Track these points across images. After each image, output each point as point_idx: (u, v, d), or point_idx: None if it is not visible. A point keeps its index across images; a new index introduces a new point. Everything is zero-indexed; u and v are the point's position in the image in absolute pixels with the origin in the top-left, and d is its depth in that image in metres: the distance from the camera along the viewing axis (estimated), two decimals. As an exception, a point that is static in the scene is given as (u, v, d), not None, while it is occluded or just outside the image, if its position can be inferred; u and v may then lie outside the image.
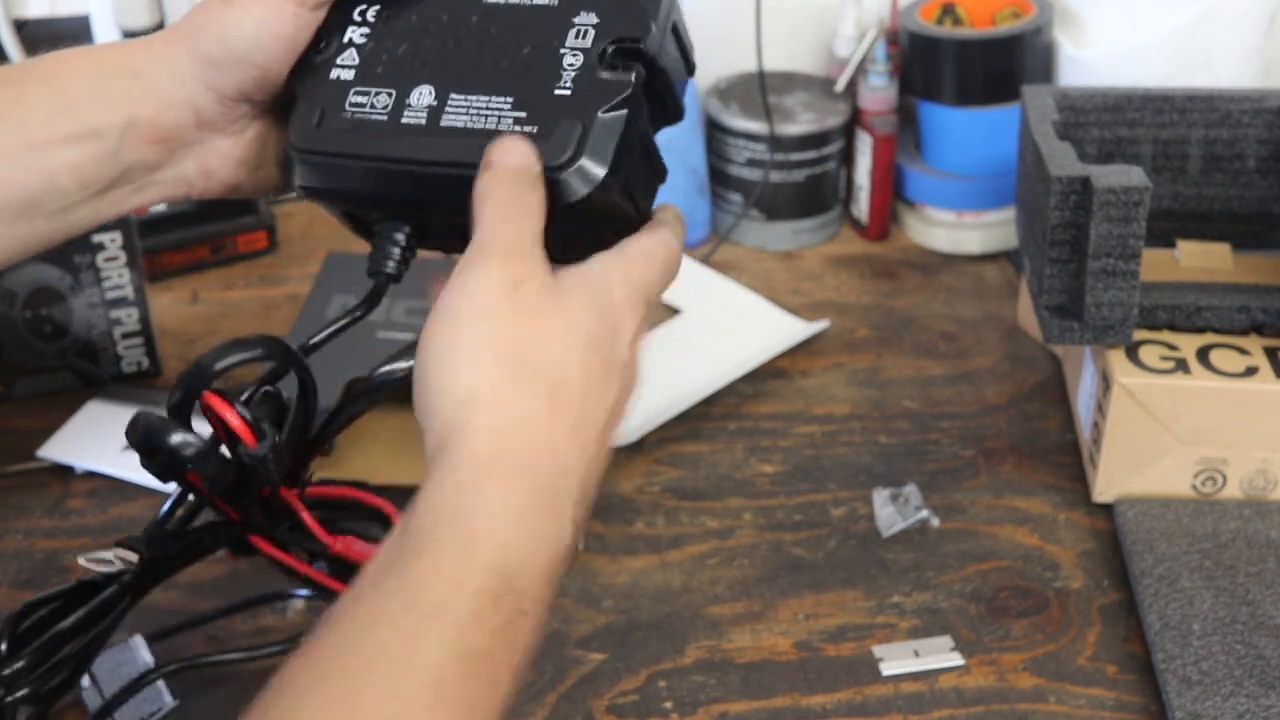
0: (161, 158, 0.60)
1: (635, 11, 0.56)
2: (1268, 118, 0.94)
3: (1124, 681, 0.74)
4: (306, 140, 0.59)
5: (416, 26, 0.60)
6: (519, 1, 0.58)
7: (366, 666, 0.44)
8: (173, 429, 0.57)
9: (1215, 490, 0.84)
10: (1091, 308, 0.81)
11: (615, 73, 0.56)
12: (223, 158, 0.61)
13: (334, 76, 0.60)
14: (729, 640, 0.76)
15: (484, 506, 0.47)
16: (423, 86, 0.58)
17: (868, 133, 1.11)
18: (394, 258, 0.59)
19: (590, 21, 0.57)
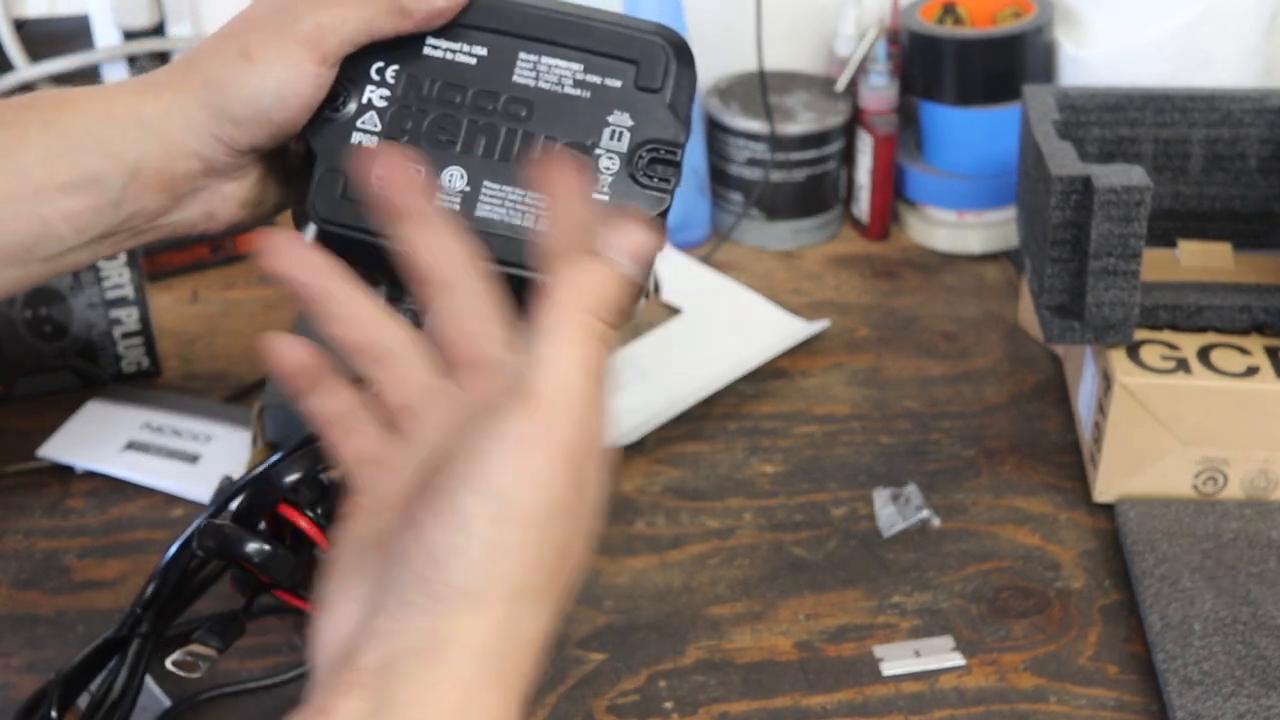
0: (165, 205, 0.59)
1: (666, 116, 0.56)
2: (1269, 117, 0.93)
3: (1125, 681, 0.74)
4: (331, 211, 0.58)
5: (441, 98, 0.58)
6: (550, 88, 0.57)
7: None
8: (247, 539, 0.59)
9: (1216, 490, 0.83)
10: (1092, 307, 0.81)
11: (653, 182, 0.56)
12: (227, 201, 0.60)
13: (355, 141, 0.58)
14: (729, 640, 0.76)
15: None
16: (454, 168, 0.57)
17: (868, 132, 1.11)
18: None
19: (624, 123, 0.56)
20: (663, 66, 0.56)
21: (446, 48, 0.58)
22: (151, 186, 0.57)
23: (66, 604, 0.78)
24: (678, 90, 0.56)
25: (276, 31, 0.57)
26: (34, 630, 0.76)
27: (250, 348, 1.00)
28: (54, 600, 0.78)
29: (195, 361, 0.98)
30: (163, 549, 0.81)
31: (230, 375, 0.96)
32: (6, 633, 0.76)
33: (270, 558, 0.58)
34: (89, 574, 0.80)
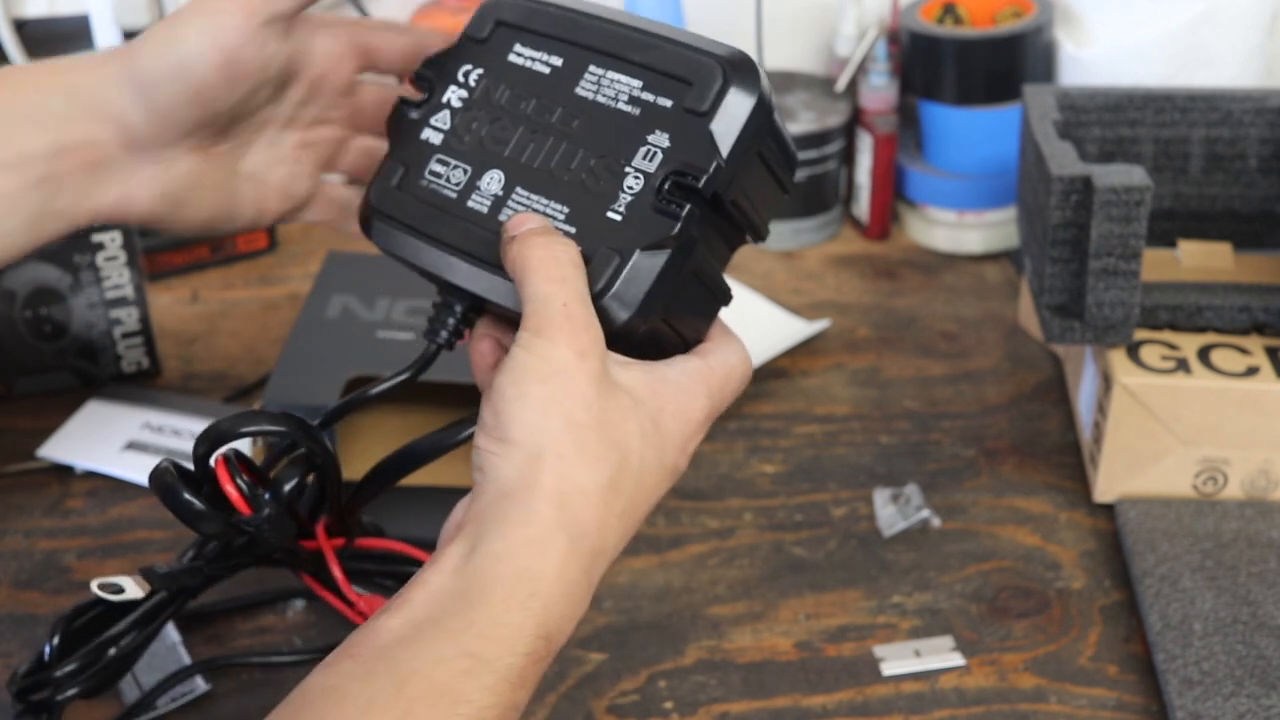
0: (89, 183, 0.58)
1: (704, 142, 0.54)
2: (1269, 117, 0.93)
3: (1125, 682, 0.74)
4: (383, 201, 0.58)
5: (508, 105, 0.58)
6: (606, 102, 0.56)
7: (418, 699, 0.45)
8: (181, 490, 0.58)
9: (1216, 490, 0.83)
10: (1092, 307, 0.81)
11: (668, 208, 0.54)
12: (146, 186, 0.59)
13: (424, 136, 0.59)
14: (729, 640, 0.76)
15: (547, 569, 0.49)
16: (494, 171, 0.57)
17: (868, 132, 1.11)
18: (448, 329, 0.58)
19: (661, 143, 0.54)
20: (714, 89, 0.54)
21: (528, 55, 0.58)
22: (75, 159, 0.57)
23: (66, 604, 0.78)
24: (728, 117, 0.54)
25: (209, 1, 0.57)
26: (34, 630, 0.76)
27: (250, 348, 1.00)
28: (54, 600, 0.78)
29: (195, 361, 0.98)
30: (162, 549, 0.81)
31: (230, 375, 0.96)
32: (6, 633, 0.76)
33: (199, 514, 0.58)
34: (89, 574, 0.80)
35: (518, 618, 0.48)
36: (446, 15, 1.09)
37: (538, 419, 0.50)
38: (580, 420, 0.50)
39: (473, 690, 0.46)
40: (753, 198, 0.57)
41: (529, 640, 0.48)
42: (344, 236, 1.17)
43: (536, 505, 0.49)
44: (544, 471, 0.49)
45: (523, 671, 0.48)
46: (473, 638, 0.47)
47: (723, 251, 0.58)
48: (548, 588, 0.49)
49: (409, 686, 0.45)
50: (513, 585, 0.48)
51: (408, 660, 0.46)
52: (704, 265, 0.56)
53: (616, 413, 0.51)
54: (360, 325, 0.89)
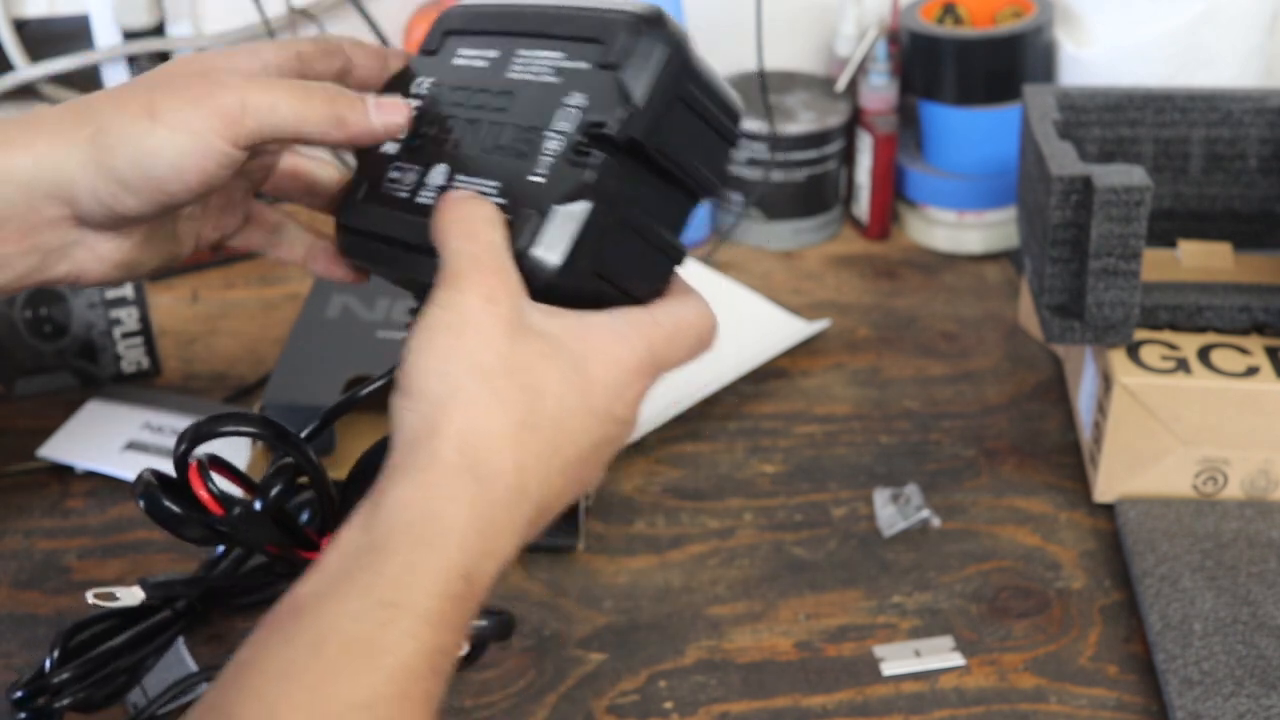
0: (29, 262, 0.56)
1: (615, 91, 0.54)
2: (1269, 117, 0.93)
3: (1125, 682, 0.74)
4: (348, 215, 0.60)
5: (452, 101, 0.59)
6: (532, 78, 0.57)
7: (338, 656, 0.45)
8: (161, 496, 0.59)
9: (1216, 490, 0.83)
10: (1092, 307, 0.81)
11: (582, 160, 0.54)
12: (100, 260, 0.57)
13: (382, 149, 0.60)
14: (729, 640, 0.76)
15: (453, 510, 0.48)
16: (440, 165, 0.58)
17: (868, 132, 1.11)
18: None
19: (578, 103, 0.55)
20: (621, 42, 0.54)
21: (470, 55, 0.60)
22: (14, 243, 0.55)
23: (66, 604, 0.78)
24: (636, 64, 0.54)
25: (193, 98, 0.53)
26: (34, 630, 0.76)
27: (250, 348, 1.00)
28: (54, 600, 0.78)
29: (195, 361, 0.98)
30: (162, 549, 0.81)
31: (230, 375, 0.96)
32: (6, 633, 0.76)
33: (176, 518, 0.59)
34: (89, 574, 0.80)
35: (429, 561, 0.47)
36: (446, 15, 1.09)
37: (440, 365, 0.50)
38: (486, 364, 0.50)
39: (392, 639, 0.45)
40: (685, 147, 0.56)
41: (444, 582, 0.47)
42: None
43: (439, 450, 0.49)
44: (447, 417, 0.49)
45: (443, 613, 0.47)
46: (385, 587, 0.46)
47: (665, 207, 0.58)
48: (458, 526, 0.48)
49: (327, 645, 0.45)
50: (420, 530, 0.47)
51: (324, 619, 0.46)
52: (640, 219, 0.56)
53: (530, 356, 0.51)
54: (360, 325, 0.89)
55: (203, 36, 1.12)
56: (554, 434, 0.51)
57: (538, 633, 0.76)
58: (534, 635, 0.76)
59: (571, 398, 0.52)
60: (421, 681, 0.46)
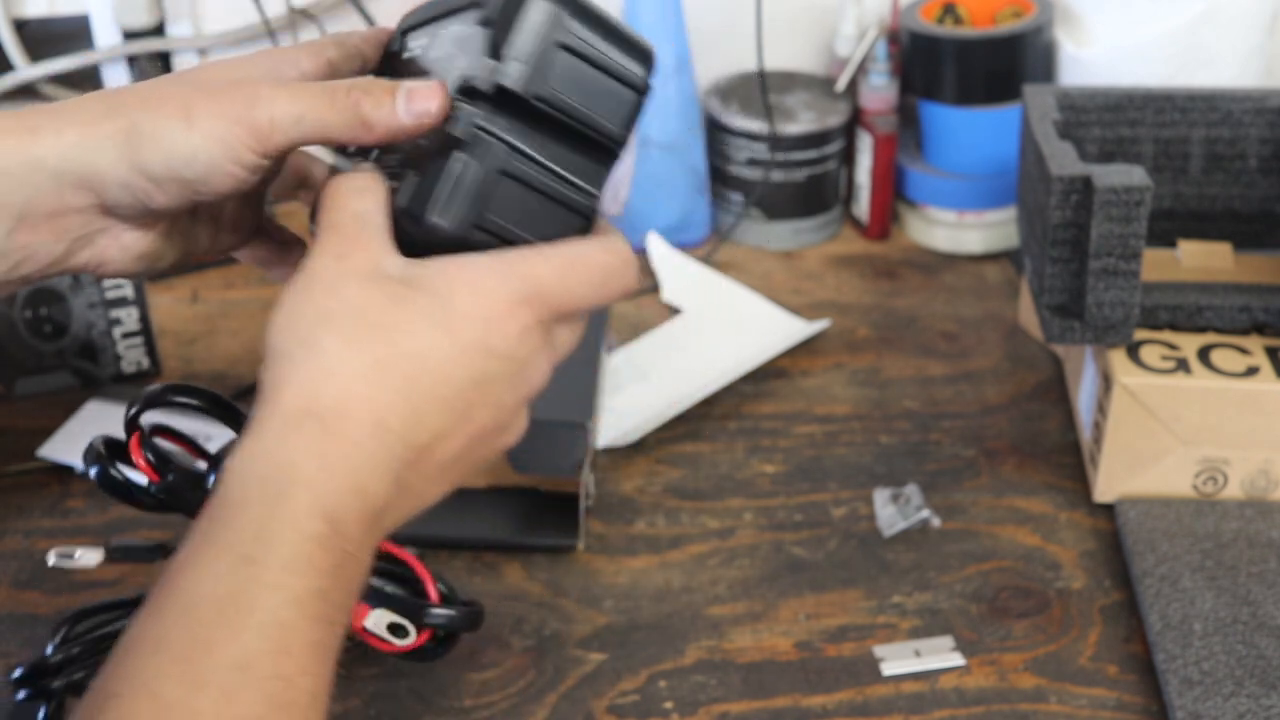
0: (56, 250, 0.56)
1: (486, 47, 0.54)
2: (1269, 117, 0.93)
3: (1125, 682, 0.74)
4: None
5: None
6: (440, 54, 0.58)
7: (207, 620, 0.44)
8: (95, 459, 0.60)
9: (1216, 490, 0.83)
10: (1092, 307, 0.81)
11: (453, 116, 0.54)
12: (124, 250, 0.57)
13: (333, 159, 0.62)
14: (729, 640, 0.76)
15: (301, 453, 0.48)
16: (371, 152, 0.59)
17: (868, 132, 1.11)
18: None
19: (460, 65, 0.55)
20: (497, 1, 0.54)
21: (412, 46, 0.60)
22: (41, 231, 0.55)
23: (66, 604, 0.78)
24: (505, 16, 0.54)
25: (226, 109, 0.53)
26: (34, 630, 0.76)
27: (250, 348, 1.00)
28: (54, 600, 0.78)
29: (195, 361, 0.98)
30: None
31: (230, 375, 0.96)
32: (6, 633, 0.76)
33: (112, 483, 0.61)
34: (89, 574, 0.80)
35: (280, 509, 0.46)
36: (446, 15, 1.09)
37: (286, 321, 0.50)
38: (331, 310, 0.50)
39: (258, 593, 0.45)
40: (578, 95, 0.55)
41: (304, 525, 0.47)
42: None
43: (282, 398, 0.48)
44: (293, 367, 0.49)
45: (308, 558, 0.46)
46: (243, 542, 0.46)
47: (567, 158, 0.56)
48: (307, 470, 0.47)
49: (195, 610, 0.44)
50: (268, 479, 0.47)
51: (189, 585, 0.45)
52: (528, 171, 0.55)
53: (382, 299, 0.50)
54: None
55: (203, 36, 1.12)
56: (414, 369, 0.50)
57: (538, 633, 0.76)
58: (534, 635, 0.76)
59: (433, 333, 0.50)
60: (299, 632, 0.45)
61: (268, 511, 0.47)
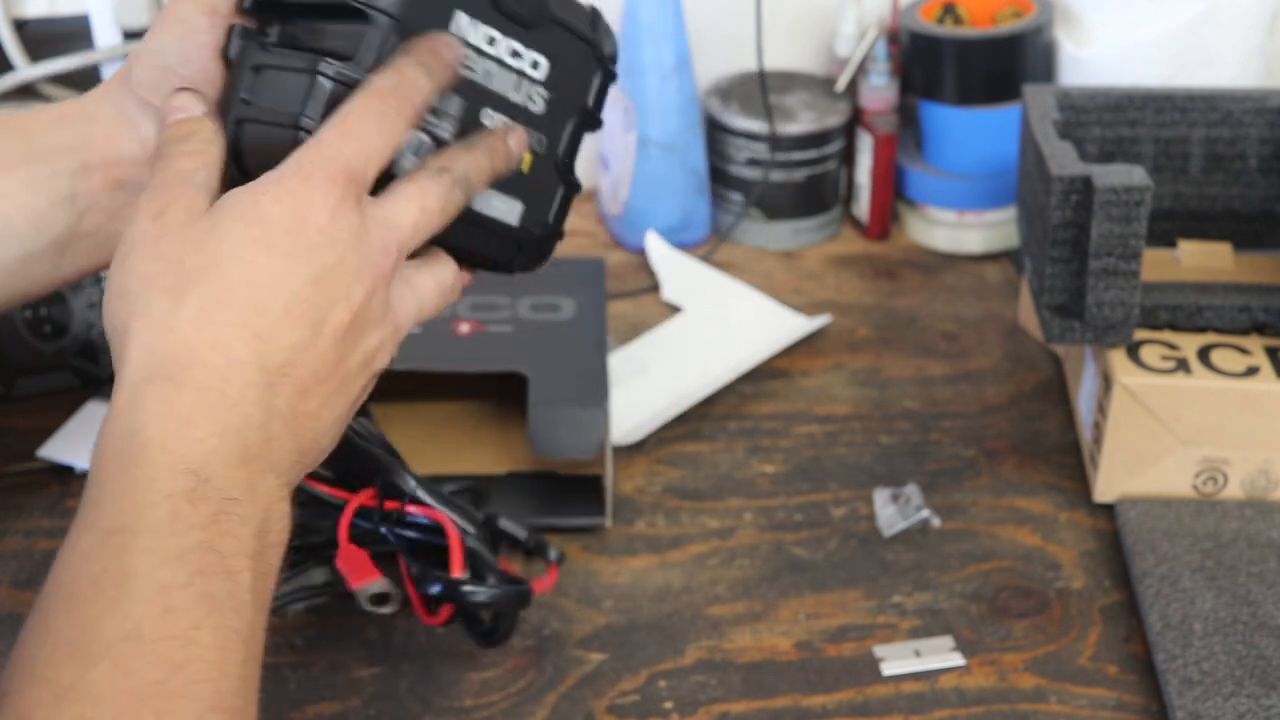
0: (115, 202, 0.58)
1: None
2: (1269, 117, 0.93)
3: (1125, 682, 0.74)
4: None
5: None
6: None
7: (92, 596, 0.44)
8: None
9: (1216, 490, 0.83)
10: (1092, 307, 0.81)
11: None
12: None
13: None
14: (729, 640, 0.76)
15: (146, 418, 0.47)
16: None
17: (868, 132, 1.11)
18: None
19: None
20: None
21: None
22: (99, 180, 0.58)
23: (66, 604, 0.78)
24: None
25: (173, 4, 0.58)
26: (34, 630, 0.76)
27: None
28: (54, 600, 0.78)
29: (195, 361, 0.98)
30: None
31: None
32: (6, 633, 0.75)
33: None
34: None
35: (135, 475, 0.46)
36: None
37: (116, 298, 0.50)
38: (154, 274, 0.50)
39: (131, 560, 0.44)
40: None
41: (164, 484, 0.46)
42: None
43: (124, 372, 0.48)
44: (129, 339, 0.49)
45: (178, 514, 0.46)
46: (108, 515, 0.45)
47: (331, 41, 0.56)
48: (157, 429, 0.47)
49: (74, 592, 0.44)
50: (122, 450, 0.47)
51: (65, 569, 0.45)
52: (279, 58, 0.56)
53: (198, 237, 0.50)
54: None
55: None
56: (246, 294, 0.49)
57: (538, 633, 0.76)
58: (534, 635, 0.76)
59: (251, 252, 0.50)
60: (185, 589, 0.45)
61: (126, 480, 0.46)
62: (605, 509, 0.83)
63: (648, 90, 1.08)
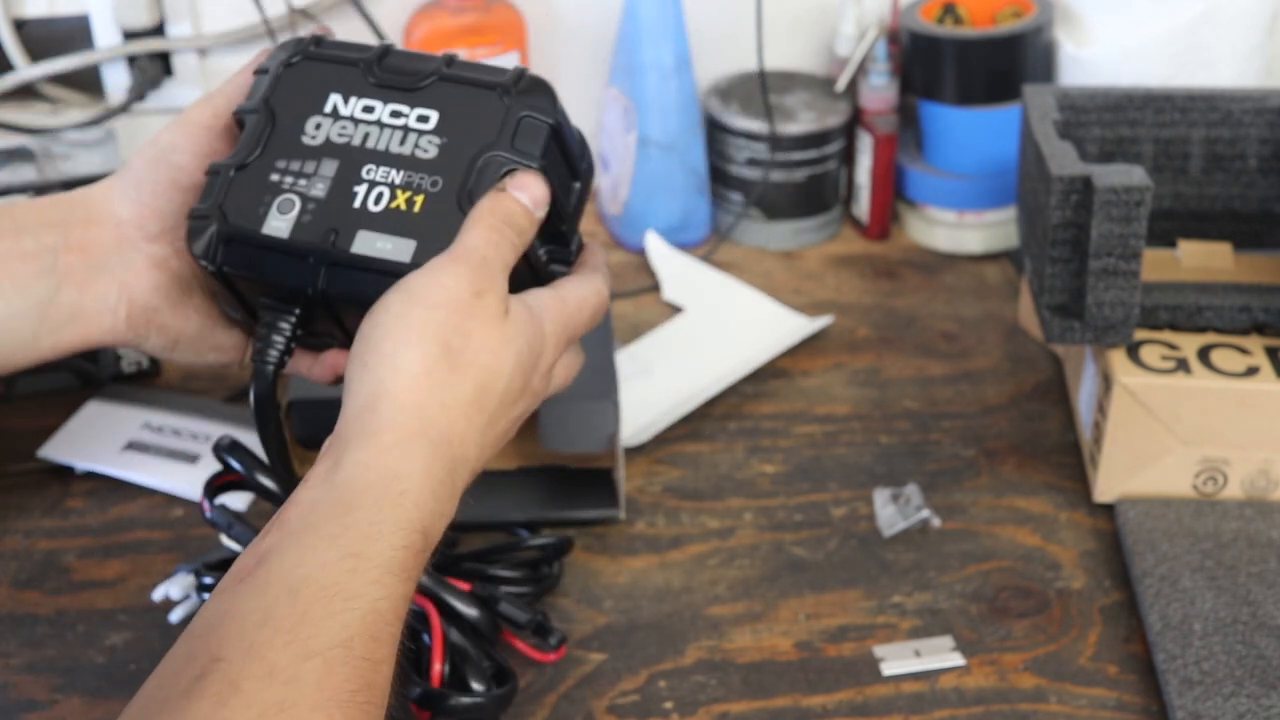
0: (89, 278, 0.62)
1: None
2: (1269, 117, 0.93)
3: (1125, 681, 0.74)
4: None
5: None
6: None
7: (314, 601, 0.48)
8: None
9: (1216, 490, 0.83)
10: (1092, 307, 0.81)
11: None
12: (139, 277, 0.63)
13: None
14: (729, 640, 0.76)
15: (411, 471, 0.53)
16: None
17: (868, 132, 1.11)
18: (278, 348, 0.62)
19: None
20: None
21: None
22: (78, 255, 0.62)
23: (66, 604, 0.78)
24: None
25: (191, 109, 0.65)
26: (34, 630, 0.76)
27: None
28: (54, 600, 0.78)
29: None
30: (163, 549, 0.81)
31: (230, 375, 0.96)
32: (6, 633, 0.76)
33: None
34: (89, 574, 0.80)
35: (390, 515, 0.52)
36: (446, 15, 1.09)
37: (414, 342, 0.55)
38: (455, 346, 0.56)
39: (360, 585, 0.49)
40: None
41: (405, 534, 0.52)
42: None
43: (398, 416, 0.54)
44: (409, 386, 0.55)
45: (404, 563, 0.51)
46: (352, 539, 0.50)
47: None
48: (415, 486, 0.53)
49: (302, 592, 0.49)
50: (382, 487, 0.52)
51: (294, 569, 0.49)
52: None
53: (490, 342, 0.57)
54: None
55: (202, 36, 1.12)
56: (497, 410, 0.58)
57: (538, 633, 0.76)
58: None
59: (519, 380, 0.59)
60: (387, 625, 0.50)
61: (377, 517, 0.51)
62: (619, 501, 0.83)
63: (648, 90, 1.08)
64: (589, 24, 1.15)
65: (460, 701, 0.68)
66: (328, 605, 0.49)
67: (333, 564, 0.50)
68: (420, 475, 0.53)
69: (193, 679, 0.46)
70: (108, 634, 0.76)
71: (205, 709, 0.45)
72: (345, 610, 0.49)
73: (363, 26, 1.10)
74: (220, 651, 0.47)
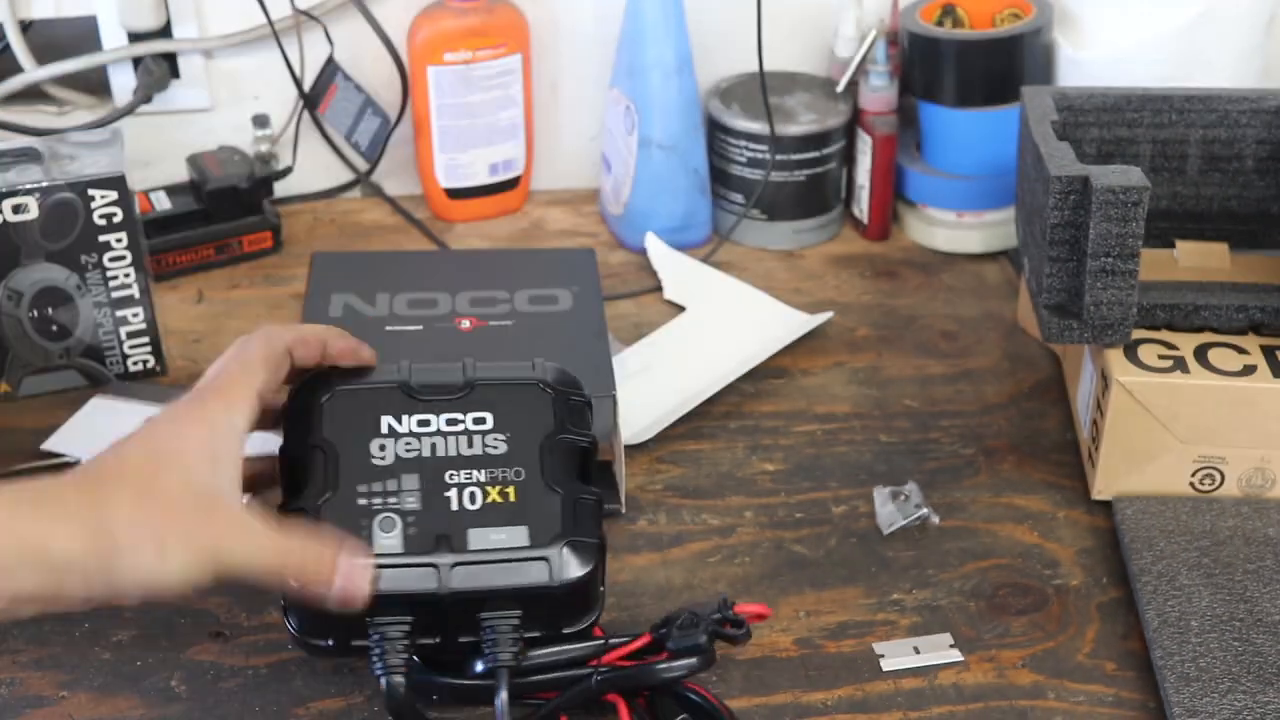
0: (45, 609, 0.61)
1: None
2: (1266, 118, 0.94)
3: (1122, 678, 0.74)
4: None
5: None
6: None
7: None
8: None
9: (1213, 488, 0.84)
10: (1090, 307, 0.81)
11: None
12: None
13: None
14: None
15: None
16: None
17: (868, 133, 1.12)
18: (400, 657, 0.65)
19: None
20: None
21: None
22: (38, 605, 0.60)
23: (73, 601, 0.78)
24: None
25: (196, 548, 0.60)
26: (40, 627, 0.76)
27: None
28: (61, 597, 0.78)
29: (200, 361, 0.98)
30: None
31: (235, 374, 0.97)
32: (13, 629, 0.76)
33: None
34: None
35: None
36: (449, 16, 1.09)
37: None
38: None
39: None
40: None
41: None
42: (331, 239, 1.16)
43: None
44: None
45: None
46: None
47: None
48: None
49: None
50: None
51: None
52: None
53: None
54: (366, 322, 0.89)
55: (208, 38, 1.12)
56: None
57: (540, 629, 0.77)
58: (536, 632, 0.76)
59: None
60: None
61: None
62: (619, 495, 0.83)
63: (649, 91, 1.09)
64: (591, 25, 1.15)
65: None
66: None
67: None
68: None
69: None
70: (114, 630, 0.76)
71: None
72: None
73: (365, 27, 1.10)
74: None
